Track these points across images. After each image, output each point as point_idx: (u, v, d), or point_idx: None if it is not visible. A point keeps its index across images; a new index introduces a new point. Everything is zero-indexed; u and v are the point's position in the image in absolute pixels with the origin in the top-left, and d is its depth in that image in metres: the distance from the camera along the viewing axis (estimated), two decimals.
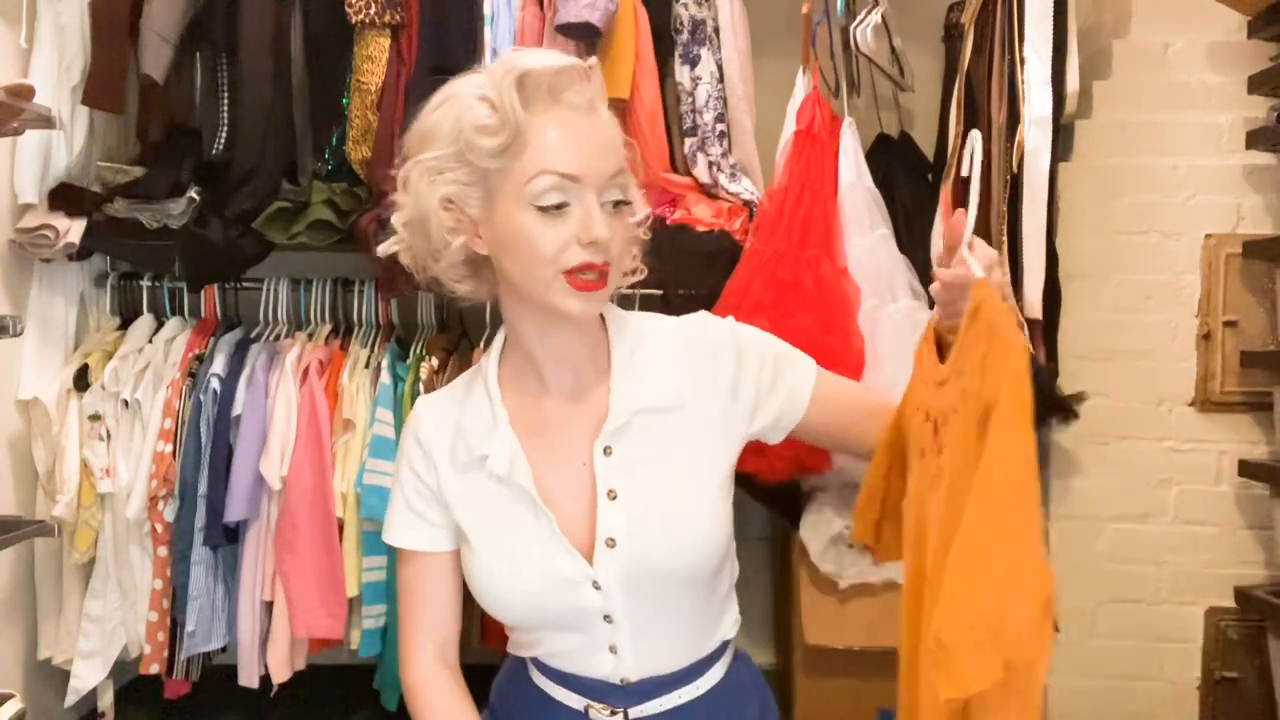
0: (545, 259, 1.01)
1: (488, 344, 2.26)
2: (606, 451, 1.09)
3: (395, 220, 1.10)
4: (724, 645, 1.17)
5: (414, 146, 1.08)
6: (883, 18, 2.22)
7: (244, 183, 2.12)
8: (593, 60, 1.06)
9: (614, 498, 1.07)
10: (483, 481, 1.11)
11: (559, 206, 1.00)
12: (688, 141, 2.19)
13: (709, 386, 1.11)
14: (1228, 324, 2.27)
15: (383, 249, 1.12)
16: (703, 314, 1.18)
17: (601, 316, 1.15)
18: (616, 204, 1.03)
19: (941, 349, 1.02)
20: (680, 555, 1.07)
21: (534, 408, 1.13)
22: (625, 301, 1.23)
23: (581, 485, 1.09)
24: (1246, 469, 2.21)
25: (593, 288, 1.02)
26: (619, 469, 1.08)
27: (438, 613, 1.17)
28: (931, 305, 1.04)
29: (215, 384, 2.16)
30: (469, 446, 1.12)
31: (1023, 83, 2.13)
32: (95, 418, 2.18)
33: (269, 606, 2.17)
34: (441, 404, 1.19)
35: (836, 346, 2.05)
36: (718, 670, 1.15)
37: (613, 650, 1.10)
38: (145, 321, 2.32)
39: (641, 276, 1.17)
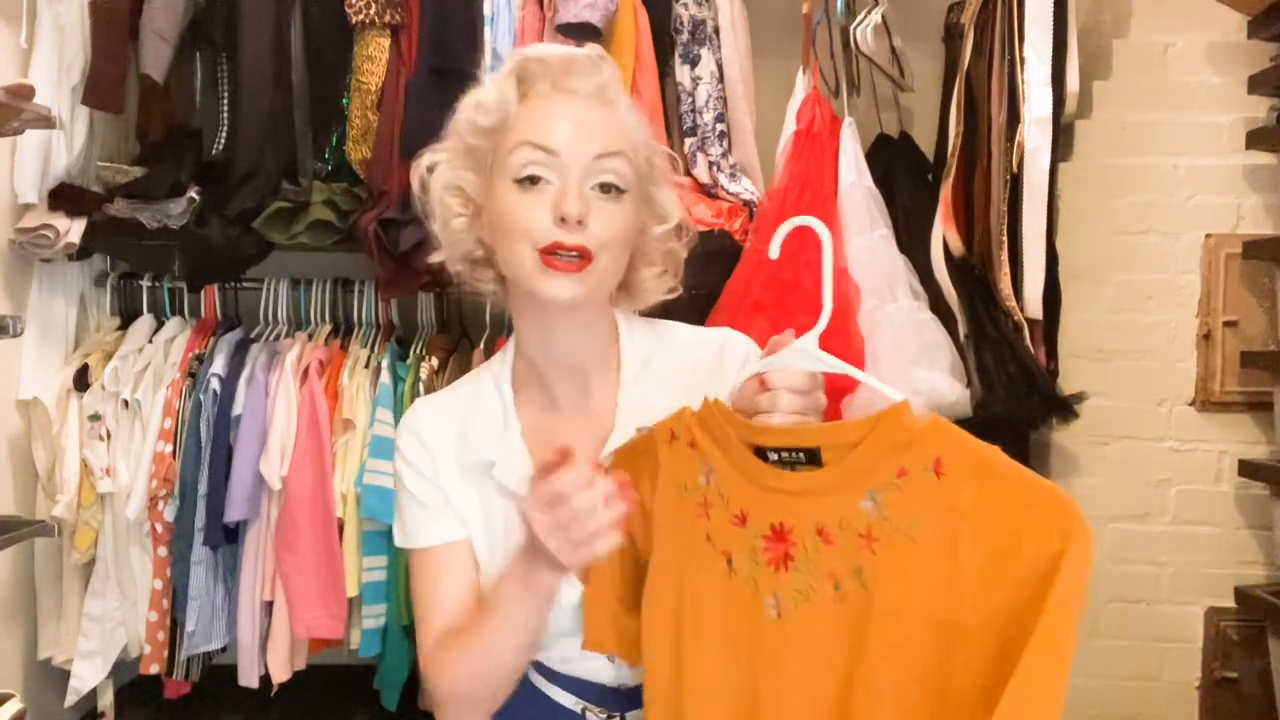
0: (521, 233, 0.98)
1: (488, 344, 2.27)
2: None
3: (431, 226, 1.09)
4: None
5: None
6: (883, 18, 2.22)
7: (244, 183, 2.12)
8: (601, 50, 1.04)
9: None
10: (490, 495, 1.08)
11: (536, 180, 0.98)
12: (688, 141, 2.19)
13: None
14: (1228, 324, 2.27)
15: (434, 258, 1.10)
16: (727, 330, 1.15)
17: (615, 326, 1.12)
18: (608, 189, 0.99)
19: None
20: None
21: (542, 421, 1.09)
22: None
23: None
24: (1246, 469, 2.21)
25: (567, 269, 0.97)
26: None
27: (465, 597, 1.09)
28: (934, 304, 0.98)
29: (215, 384, 2.16)
30: (476, 449, 1.08)
31: (1023, 83, 2.13)
32: (95, 418, 2.18)
33: (269, 606, 2.17)
34: (444, 405, 1.14)
35: (836, 346, 2.04)
36: None
37: (611, 660, 1.09)
38: (145, 321, 2.32)
39: (676, 294, 1.12)
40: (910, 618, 0.81)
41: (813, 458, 0.86)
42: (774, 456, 0.89)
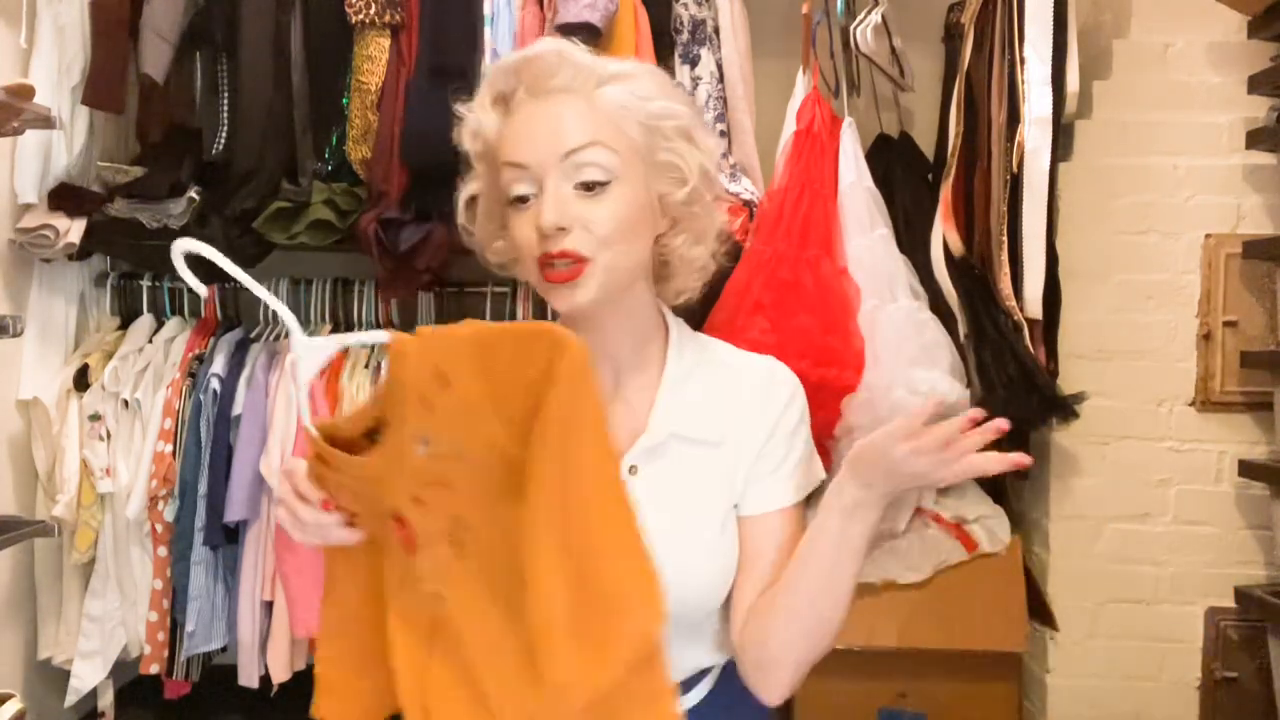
0: (525, 254, 1.00)
1: None
2: (632, 470, 1.03)
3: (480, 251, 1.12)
4: (703, 673, 1.10)
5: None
6: (883, 18, 2.22)
7: (244, 183, 2.12)
8: (561, 43, 1.02)
9: None
10: None
11: (524, 198, 0.99)
12: None
13: (748, 435, 1.05)
14: (1228, 324, 2.27)
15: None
16: (773, 359, 1.12)
17: (666, 325, 1.10)
18: (590, 186, 0.98)
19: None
20: (671, 593, 1.00)
21: None
22: None
23: None
24: (1246, 469, 2.21)
25: (561, 279, 0.97)
26: (641, 491, 0.97)
27: None
28: (934, 304, 0.97)
29: (215, 384, 2.16)
30: None
31: (1023, 83, 2.13)
32: (95, 418, 2.18)
33: (269, 606, 2.17)
34: None
35: (836, 346, 2.05)
36: (699, 691, 1.10)
37: None
38: (145, 321, 2.32)
39: (706, 276, 1.10)
40: (497, 521, 0.79)
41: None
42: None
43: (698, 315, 2.08)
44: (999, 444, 1.04)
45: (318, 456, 0.85)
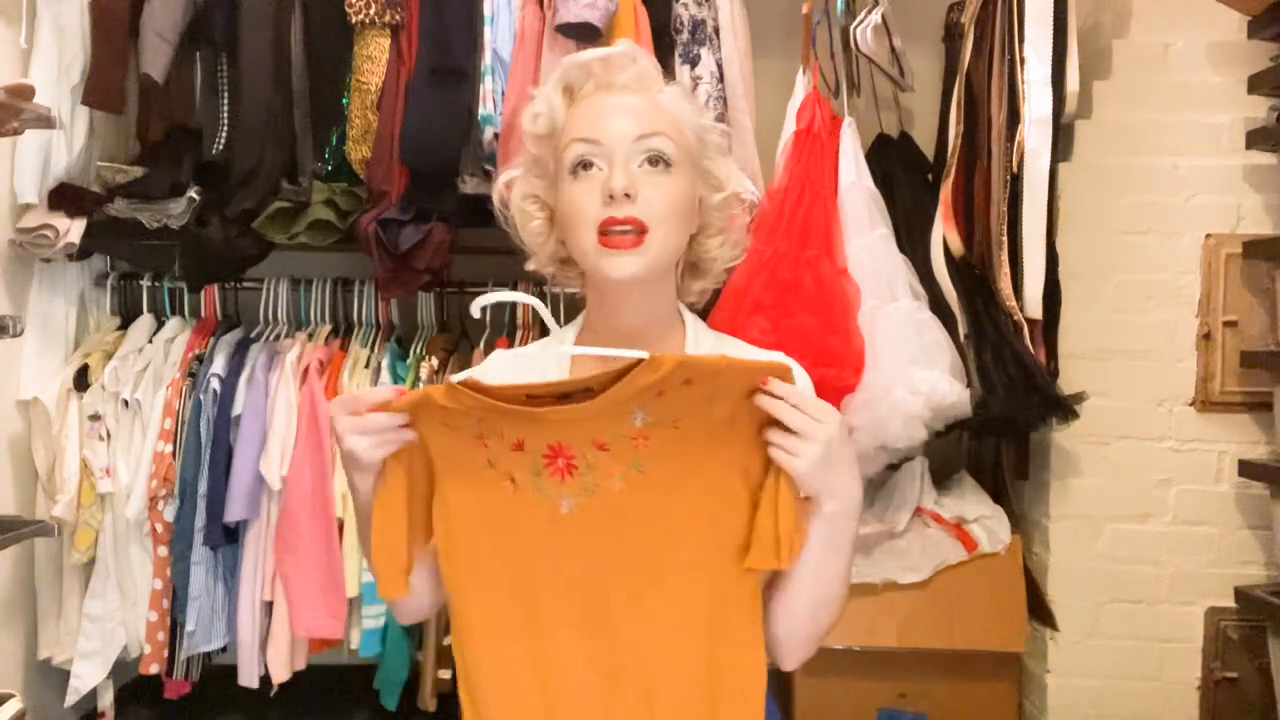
0: (579, 219, 1.07)
1: (488, 344, 2.27)
2: None
3: (516, 235, 1.20)
4: None
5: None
6: (883, 18, 2.23)
7: (244, 183, 2.12)
8: (635, 45, 1.14)
9: None
10: None
11: (587, 165, 1.07)
12: None
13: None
14: (1228, 324, 2.26)
15: (528, 265, 1.20)
16: (783, 355, 1.20)
17: (683, 320, 1.19)
18: (655, 161, 1.08)
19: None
20: None
21: None
22: None
23: None
24: (1246, 469, 2.21)
25: (621, 245, 1.05)
26: None
27: None
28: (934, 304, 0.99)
29: (215, 384, 2.16)
30: None
31: (1023, 83, 2.13)
32: (95, 418, 2.18)
33: (269, 606, 2.17)
34: (514, 361, 1.22)
35: (836, 346, 2.05)
36: None
37: None
38: (145, 321, 2.32)
39: (737, 261, 1.20)
40: (683, 486, 0.99)
41: (588, 393, 0.99)
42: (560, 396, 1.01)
43: (697, 315, 2.08)
44: (999, 444, 1.04)
45: (452, 393, 0.99)
